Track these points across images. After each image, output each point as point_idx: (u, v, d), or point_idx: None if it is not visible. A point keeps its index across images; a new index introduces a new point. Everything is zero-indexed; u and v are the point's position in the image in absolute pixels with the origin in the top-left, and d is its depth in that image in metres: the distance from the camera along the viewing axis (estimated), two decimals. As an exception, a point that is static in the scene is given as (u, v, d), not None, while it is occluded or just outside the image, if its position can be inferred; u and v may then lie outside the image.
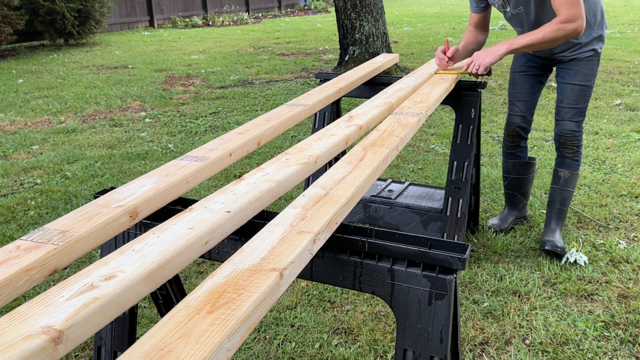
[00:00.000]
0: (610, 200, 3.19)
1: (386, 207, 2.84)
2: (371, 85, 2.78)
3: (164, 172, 1.36)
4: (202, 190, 3.54)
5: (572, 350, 2.01)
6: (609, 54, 7.67)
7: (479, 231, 2.88)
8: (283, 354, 2.05)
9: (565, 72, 2.52)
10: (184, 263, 0.99)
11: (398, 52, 8.61)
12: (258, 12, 17.11)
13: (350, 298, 2.37)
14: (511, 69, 2.73)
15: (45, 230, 1.05)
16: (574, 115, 2.53)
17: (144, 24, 13.37)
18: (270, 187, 1.25)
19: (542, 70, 2.65)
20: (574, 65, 2.49)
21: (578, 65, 2.48)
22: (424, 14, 15.07)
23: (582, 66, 2.48)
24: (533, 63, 2.64)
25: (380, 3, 6.72)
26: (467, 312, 2.24)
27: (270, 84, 6.73)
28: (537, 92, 2.68)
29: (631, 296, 2.31)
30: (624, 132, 4.40)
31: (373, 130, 1.66)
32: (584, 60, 2.47)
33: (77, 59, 8.91)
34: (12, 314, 0.77)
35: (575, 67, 2.48)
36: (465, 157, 2.58)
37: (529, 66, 2.65)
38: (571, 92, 2.51)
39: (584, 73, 2.48)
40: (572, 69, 2.49)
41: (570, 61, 2.50)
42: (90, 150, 4.43)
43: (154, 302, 1.68)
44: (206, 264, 2.67)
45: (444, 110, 5.26)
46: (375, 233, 1.19)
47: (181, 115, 5.41)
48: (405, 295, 1.16)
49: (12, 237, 2.99)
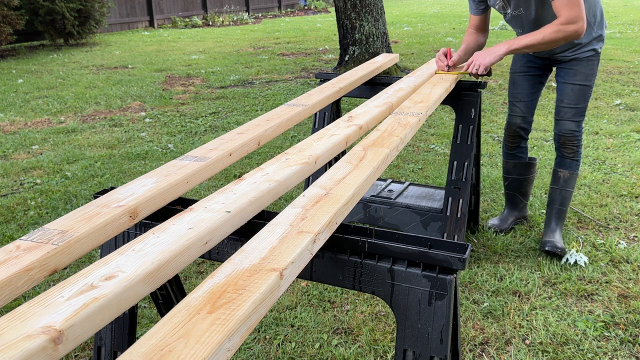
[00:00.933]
0: (610, 200, 3.19)
1: (386, 207, 2.84)
2: (371, 85, 2.78)
3: (164, 172, 1.36)
4: (202, 190, 3.54)
5: (572, 350, 2.01)
6: (609, 54, 7.67)
7: (479, 231, 2.88)
8: (283, 354, 2.05)
9: (566, 72, 2.52)
10: (184, 263, 0.99)
11: (398, 52, 8.61)
12: (258, 12, 17.12)
13: (350, 298, 2.37)
14: (511, 70, 2.72)
15: (45, 230, 1.05)
16: (574, 115, 2.53)
17: (144, 24, 13.37)
18: (270, 187, 1.25)
19: (542, 71, 2.65)
20: (574, 65, 2.49)
21: (578, 65, 2.48)
22: (424, 14, 15.07)
23: (582, 66, 2.48)
24: (533, 63, 2.64)
25: (380, 3, 6.72)
26: (467, 312, 2.24)
27: (270, 84, 6.73)
28: (537, 93, 2.68)
29: (631, 296, 2.31)
30: (624, 132, 4.40)
31: (373, 130, 1.66)
32: (584, 60, 2.47)
33: (77, 59, 8.91)
34: (12, 314, 0.77)
35: (576, 67, 2.49)
36: (465, 157, 2.58)
37: (528, 67, 2.65)
38: (571, 92, 2.51)
39: (584, 73, 2.48)
40: (572, 68, 2.49)
41: (570, 61, 2.50)
42: (90, 150, 4.43)
43: (154, 302, 1.68)
44: (206, 264, 2.67)
45: (444, 110, 5.26)
46: (375, 233, 1.19)
47: (181, 115, 5.41)
48: (405, 295, 1.16)
49: (12, 237, 2.99)
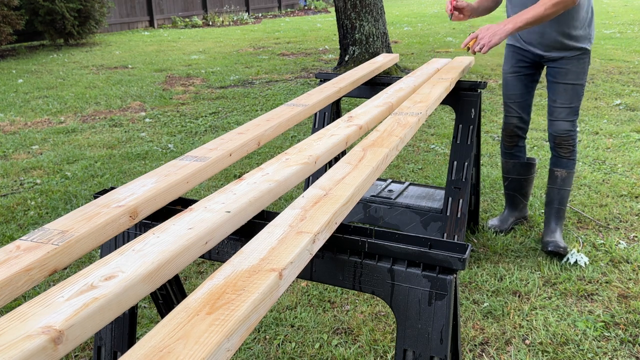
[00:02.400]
0: (610, 200, 3.19)
1: (386, 207, 2.84)
2: (371, 85, 2.78)
3: (164, 172, 1.36)
4: (202, 190, 3.54)
5: (572, 351, 2.01)
6: (609, 54, 7.67)
7: (479, 231, 2.88)
8: (283, 354, 2.05)
9: (557, 70, 2.52)
10: (184, 263, 0.99)
11: (398, 52, 8.61)
12: (258, 12, 17.12)
13: (350, 298, 2.37)
14: (503, 70, 2.73)
15: (45, 230, 1.05)
16: (568, 115, 2.53)
17: (144, 24, 13.37)
18: (270, 187, 1.25)
19: (534, 69, 2.65)
20: (565, 64, 2.49)
21: (569, 64, 2.49)
22: (424, 14, 15.07)
23: (573, 65, 2.49)
24: (524, 63, 2.64)
25: (380, 3, 6.72)
26: (467, 312, 2.24)
27: (270, 84, 6.73)
28: (531, 92, 2.69)
29: (631, 296, 2.31)
30: (624, 132, 4.40)
31: (373, 130, 1.66)
32: (574, 58, 2.48)
33: (77, 59, 8.91)
34: (12, 314, 0.77)
35: (567, 66, 2.49)
36: (465, 157, 2.58)
37: (520, 66, 2.65)
38: (564, 92, 2.51)
39: (575, 72, 2.49)
40: (563, 67, 2.50)
41: (561, 59, 2.50)
42: (90, 150, 4.43)
43: (154, 302, 1.68)
44: (206, 264, 2.67)
45: (444, 110, 5.26)
46: (375, 233, 1.19)
47: (181, 115, 5.41)
48: (405, 295, 1.16)
49: (12, 237, 2.99)
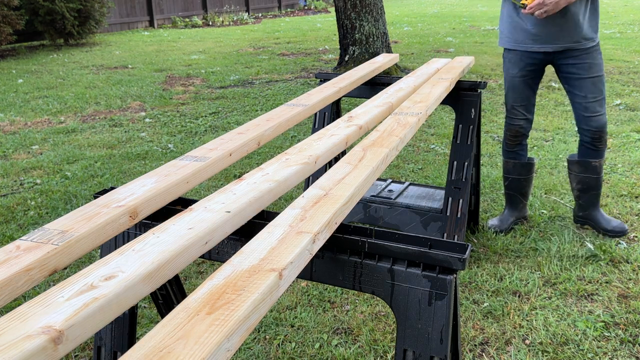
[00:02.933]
0: (610, 200, 3.19)
1: (386, 207, 2.84)
2: (371, 85, 2.78)
3: (164, 172, 1.36)
4: (202, 190, 3.54)
5: (572, 351, 2.01)
6: (609, 54, 7.67)
7: (479, 231, 2.88)
8: (283, 354, 2.05)
9: (579, 66, 2.57)
10: (184, 263, 0.99)
11: (398, 52, 8.61)
12: (258, 12, 17.12)
13: (350, 298, 2.37)
14: (509, 74, 2.72)
15: (45, 230, 1.05)
16: (602, 107, 2.60)
17: (143, 24, 13.37)
18: (270, 187, 1.25)
19: (540, 73, 2.71)
20: (587, 58, 2.56)
21: (590, 57, 2.56)
22: (424, 14, 15.07)
23: (594, 57, 2.57)
24: (532, 66, 2.65)
25: (380, 3, 6.72)
26: (467, 312, 2.24)
27: (270, 84, 6.73)
28: (536, 91, 2.76)
29: (631, 296, 2.31)
30: (624, 132, 4.40)
31: (373, 130, 1.66)
32: (593, 51, 2.57)
33: (77, 59, 8.91)
34: (12, 314, 0.77)
35: (589, 60, 2.56)
36: (465, 157, 2.58)
37: (528, 70, 2.67)
38: (593, 85, 2.57)
39: (597, 63, 2.58)
40: (585, 62, 2.56)
41: (582, 55, 2.56)
42: (90, 150, 4.43)
43: (154, 302, 1.68)
44: (206, 264, 2.67)
45: (444, 110, 5.26)
46: (375, 233, 1.19)
47: (181, 115, 5.41)
48: (405, 295, 1.16)
49: (12, 237, 2.99)
